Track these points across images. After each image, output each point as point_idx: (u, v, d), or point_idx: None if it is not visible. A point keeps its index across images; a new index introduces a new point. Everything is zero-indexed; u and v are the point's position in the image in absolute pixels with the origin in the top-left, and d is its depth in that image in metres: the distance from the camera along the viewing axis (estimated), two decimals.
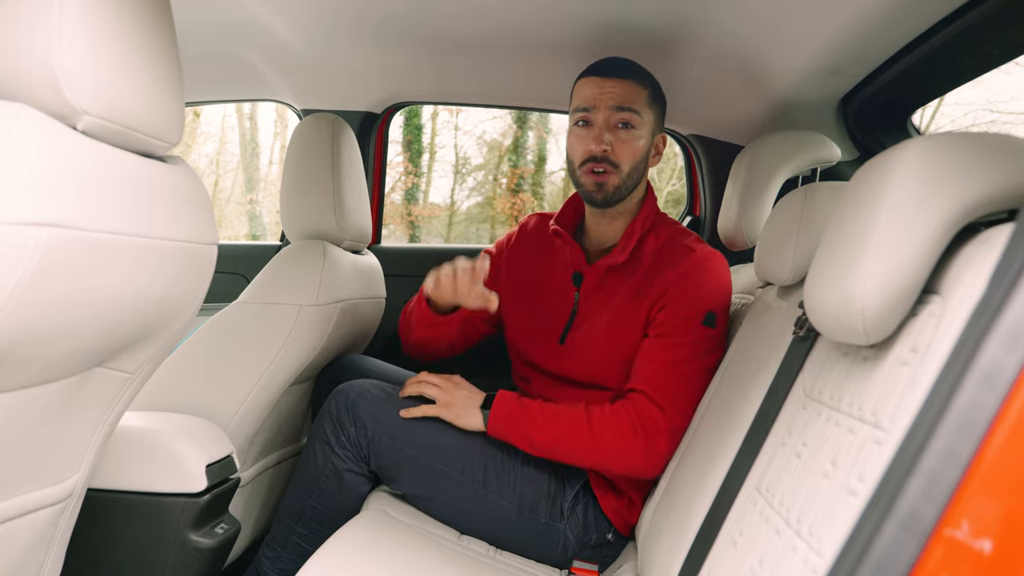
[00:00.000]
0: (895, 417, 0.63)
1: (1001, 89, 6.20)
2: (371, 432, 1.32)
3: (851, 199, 0.77)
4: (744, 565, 0.79)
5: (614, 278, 1.43)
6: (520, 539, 1.36)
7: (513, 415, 1.32)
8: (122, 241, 0.75)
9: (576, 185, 1.45)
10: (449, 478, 1.33)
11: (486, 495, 1.34)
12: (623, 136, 1.38)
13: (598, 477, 1.39)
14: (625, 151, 1.38)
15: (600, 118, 1.38)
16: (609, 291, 1.43)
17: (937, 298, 0.65)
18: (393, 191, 9.12)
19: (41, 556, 0.94)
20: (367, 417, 1.32)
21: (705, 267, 1.38)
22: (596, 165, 1.38)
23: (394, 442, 1.32)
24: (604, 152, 1.37)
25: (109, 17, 0.72)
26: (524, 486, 1.35)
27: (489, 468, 1.35)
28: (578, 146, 1.40)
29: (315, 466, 1.34)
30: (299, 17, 1.56)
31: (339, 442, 1.33)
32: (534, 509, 1.34)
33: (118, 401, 0.95)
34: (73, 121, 0.70)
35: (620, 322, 1.39)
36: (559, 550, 1.35)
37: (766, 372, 1.02)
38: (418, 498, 1.38)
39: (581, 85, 1.42)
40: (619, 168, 1.38)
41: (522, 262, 1.57)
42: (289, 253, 1.53)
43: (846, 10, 1.18)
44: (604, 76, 1.38)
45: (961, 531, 0.44)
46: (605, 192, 1.39)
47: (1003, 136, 0.68)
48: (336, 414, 1.34)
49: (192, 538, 1.20)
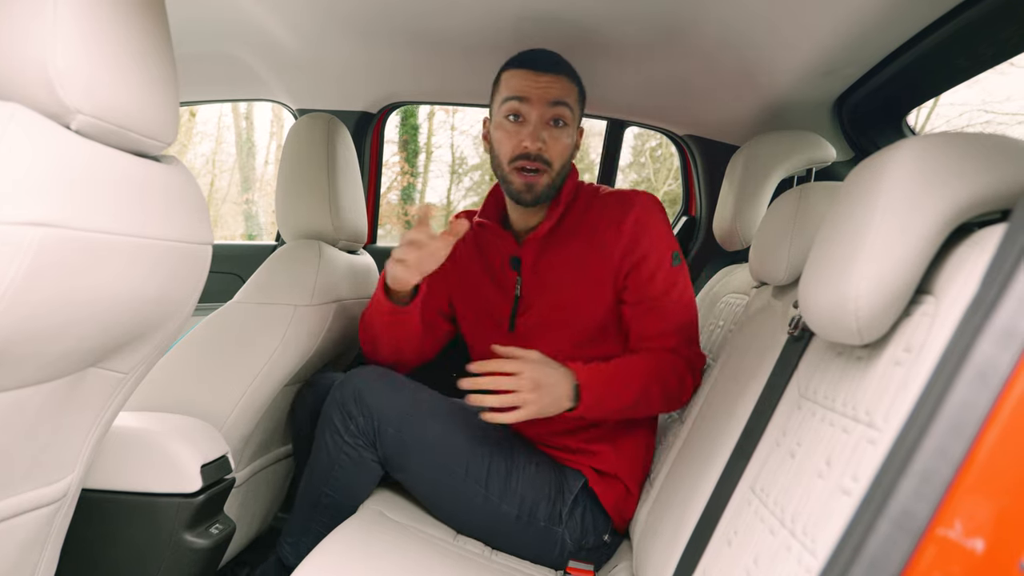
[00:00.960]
0: (889, 417, 0.63)
1: (996, 90, 6.21)
2: (377, 421, 1.31)
3: (845, 199, 0.77)
4: (739, 565, 0.80)
5: (551, 251, 1.41)
6: (518, 541, 1.36)
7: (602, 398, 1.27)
8: (116, 241, 0.75)
9: (502, 182, 1.41)
10: (452, 476, 1.32)
11: (487, 496, 1.33)
12: (556, 134, 1.34)
13: (597, 475, 1.39)
14: (557, 149, 1.35)
15: (535, 114, 1.33)
16: (548, 266, 1.41)
17: (931, 298, 0.65)
18: (389, 191, 9.11)
19: (35, 556, 0.94)
20: (374, 406, 1.31)
21: (648, 213, 1.39)
22: (529, 163, 1.33)
23: (399, 433, 1.31)
24: (539, 150, 1.32)
25: (103, 17, 0.72)
26: (525, 488, 1.34)
27: (492, 469, 1.34)
28: (508, 142, 1.35)
29: (327, 455, 1.33)
30: (294, 16, 1.56)
31: (348, 431, 1.31)
32: (533, 513, 1.33)
33: (113, 401, 0.95)
34: (67, 120, 0.70)
35: (572, 292, 1.38)
36: (556, 552, 1.35)
37: (761, 372, 1.02)
38: (418, 492, 1.37)
39: (511, 77, 1.36)
40: (551, 167, 1.35)
41: (463, 262, 1.54)
42: (284, 253, 1.53)
43: (841, 11, 1.18)
44: (539, 71, 1.34)
45: (954, 530, 0.44)
46: (535, 193, 1.36)
47: (997, 137, 0.68)
48: (343, 402, 1.32)
49: (187, 538, 1.20)
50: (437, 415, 1.35)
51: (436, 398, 1.39)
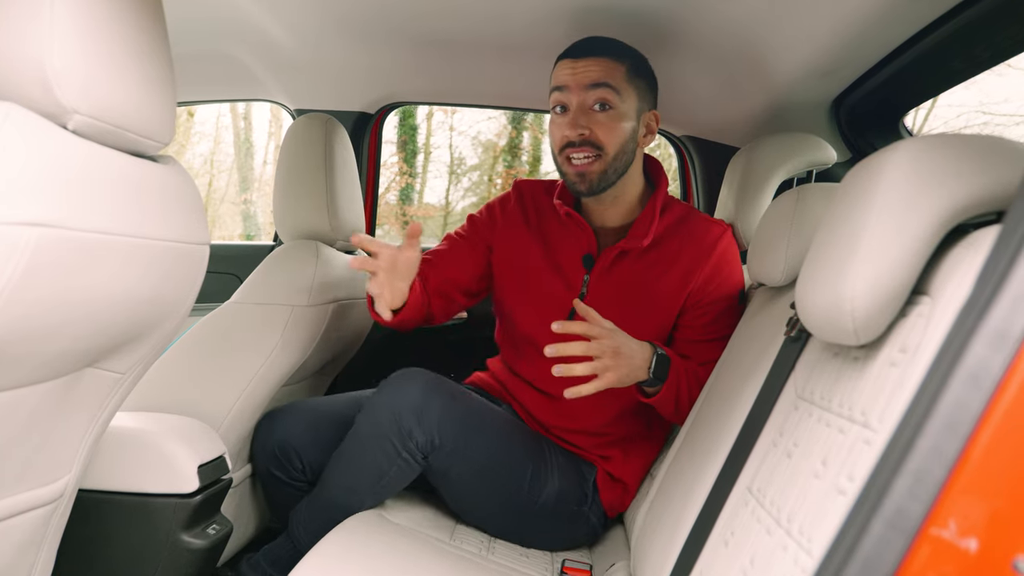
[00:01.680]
0: (884, 417, 0.63)
1: (994, 91, 6.22)
2: (437, 438, 1.24)
3: (842, 200, 0.77)
4: (735, 565, 0.80)
5: (627, 261, 1.40)
6: (553, 534, 1.39)
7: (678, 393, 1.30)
8: (112, 241, 0.75)
9: (560, 175, 1.40)
10: (494, 485, 1.31)
11: (528, 498, 1.33)
12: (601, 118, 1.31)
13: (606, 475, 1.43)
14: (604, 132, 1.31)
15: (575, 100, 1.32)
16: (620, 275, 1.40)
17: (926, 299, 0.66)
18: (388, 191, 9.11)
19: (32, 557, 0.94)
20: (434, 424, 1.23)
21: (732, 252, 1.42)
22: (575, 151, 1.32)
23: (454, 448, 1.26)
24: (581, 136, 1.31)
25: (101, 16, 0.72)
26: (558, 480, 1.36)
27: (532, 472, 1.34)
28: (556, 132, 1.35)
29: (376, 469, 1.26)
30: (292, 16, 1.56)
31: (406, 447, 1.24)
32: (564, 500, 1.36)
33: (109, 401, 0.95)
34: (63, 120, 0.70)
35: (638, 306, 1.38)
36: (585, 532, 1.41)
37: (758, 372, 1.03)
38: (452, 496, 1.36)
39: (556, 69, 1.37)
40: (604, 151, 1.32)
41: (519, 236, 1.49)
42: (282, 253, 1.53)
43: (839, 12, 1.18)
44: (576, 57, 1.33)
45: (947, 530, 0.44)
46: (589, 182, 1.34)
47: (993, 138, 0.69)
48: (399, 417, 1.23)
49: (184, 539, 1.20)
50: (486, 428, 1.31)
51: (484, 408, 1.35)
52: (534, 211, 1.50)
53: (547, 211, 1.49)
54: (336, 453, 1.32)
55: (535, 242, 1.47)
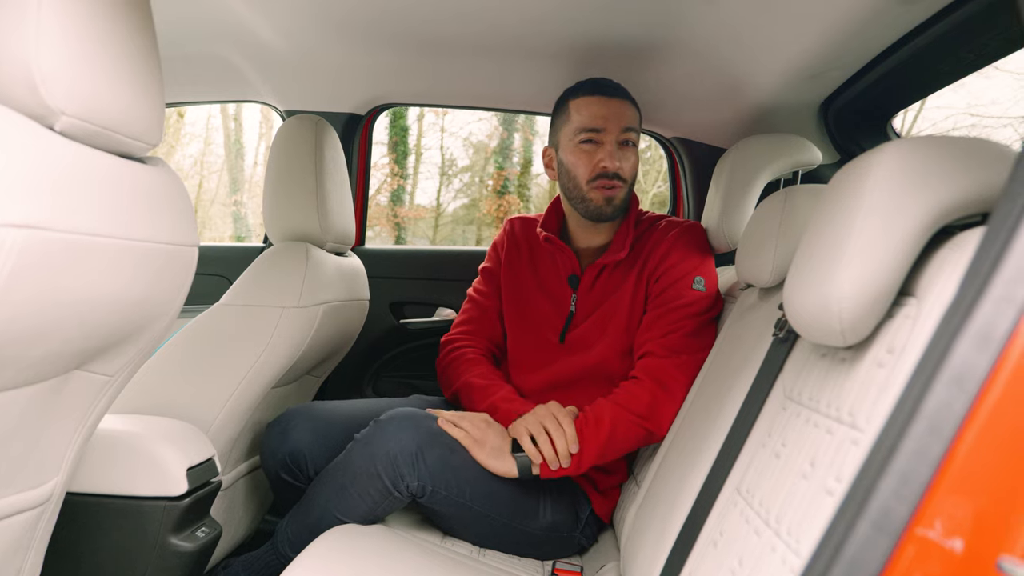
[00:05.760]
0: (871, 418, 0.63)
1: (981, 93, 6.28)
2: (431, 484, 1.26)
3: (829, 202, 0.77)
4: (724, 565, 0.80)
5: (607, 274, 1.51)
6: (542, 549, 1.40)
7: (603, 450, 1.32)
8: (99, 242, 0.75)
9: (580, 200, 1.50)
10: (491, 521, 1.33)
11: (522, 526, 1.35)
12: (627, 154, 1.48)
13: (595, 491, 1.46)
14: (628, 167, 1.48)
15: (611, 138, 1.45)
16: (602, 289, 1.51)
17: (913, 300, 0.66)
18: (379, 193, 9.10)
19: (19, 561, 0.93)
20: (430, 471, 1.25)
21: (687, 237, 1.51)
22: (609, 181, 1.45)
23: (447, 495, 1.28)
24: (617, 168, 1.44)
25: (88, 17, 0.72)
26: (552, 513, 1.38)
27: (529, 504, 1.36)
28: (588, 162, 1.46)
29: (367, 507, 1.27)
30: (281, 17, 1.55)
31: (397, 488, 1.25)
32: (557, 528, 1.38)
33: (98, 404, 0.94)
34: (50, 122, 0.70)
35: (621, 309, 1.47)
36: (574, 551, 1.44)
37: (746, 373, 1.03)
38: (443, 519, 1.36)
39: (587, 104, 1.46)
40: (625, 182, 1.48)
41: (517, 270, 1.62)
42: (271, 255, 1.52)
43: (826, 15, 1.19)
44: (610, 96, 1.46)
45: (933, 530, 0.44)
46: (614, 206, 1.47)
47: (979, 140, 0.69)
48: (394, 463, 1.24)
49: (173, 542, 1.19)
50: (482, 478, 1.31)
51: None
52: (525, 244, 1.65)
53: (536, 242, 1.63)
54: (327, 472, 1.32)
55: (528, 271, 1.61)
